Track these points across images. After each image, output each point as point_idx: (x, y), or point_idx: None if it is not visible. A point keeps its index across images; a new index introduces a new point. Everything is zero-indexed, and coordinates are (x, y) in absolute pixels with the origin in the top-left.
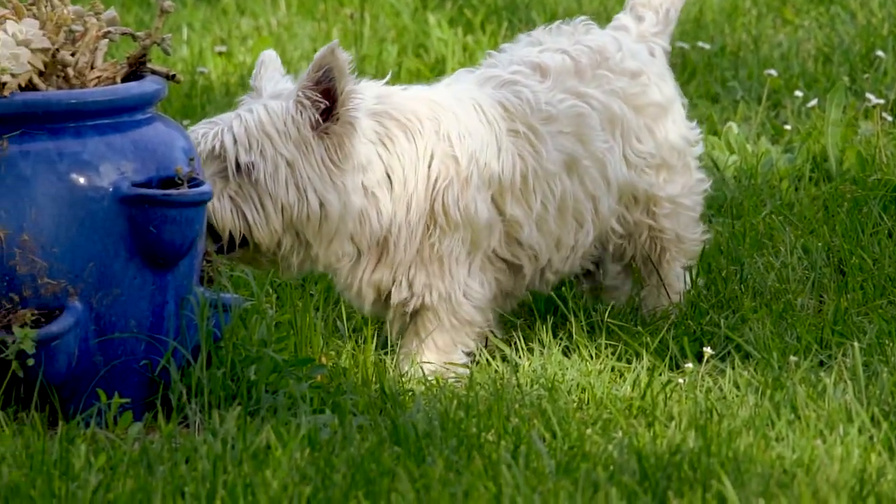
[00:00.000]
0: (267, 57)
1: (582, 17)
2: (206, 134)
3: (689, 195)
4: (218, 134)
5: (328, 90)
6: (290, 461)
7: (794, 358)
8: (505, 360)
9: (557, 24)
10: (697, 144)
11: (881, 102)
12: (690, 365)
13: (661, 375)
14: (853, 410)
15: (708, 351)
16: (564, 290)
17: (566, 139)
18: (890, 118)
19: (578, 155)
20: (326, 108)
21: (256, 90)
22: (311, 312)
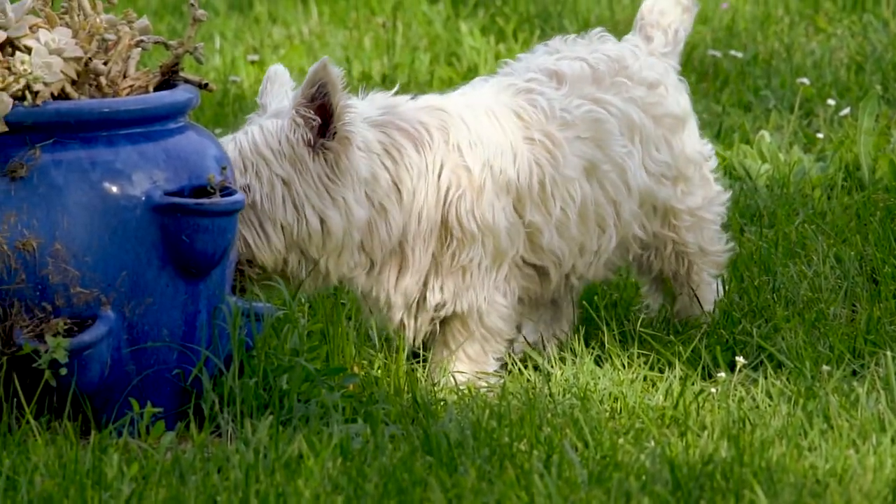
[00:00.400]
0: (273, 72)
1: (600, 28)
2: None
3: (709, 208)
4: None
5: (323, 105)
6: (322, 471)
7: (826, 367)
8: (537, 369)
9: (573, 36)
10: (711, 159)
11: None
12: (723, 374)
13: (693, 385)
14: (886, 420)
15: (740, 360)
16: (597, 299)
17: (584, 144)
18: None
19: (597, 160)
20: (324, 123)
21: (262, 107)
22: (343, 321)
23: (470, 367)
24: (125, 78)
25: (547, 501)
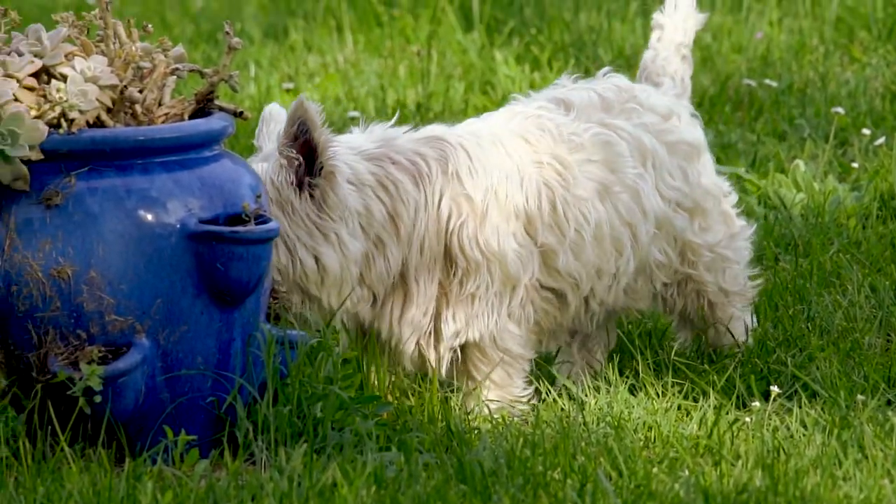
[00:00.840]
0: (268, 112)
1: (608, 67)
2: None
3: (730, 244)
4: None
5: (307, 142)
6: (356, 499)
7: (861, 397)
8: (571, 398)
9: (577, 76)
10: (731, 195)
11: None
12: (757, 403)
13: (727, 414)
14: None
15: (775, 389)
16: (631, 327)
17: (595, 167)
18: None
19: (609, 182)
20: (310, 160)
21: (258, 149)
22: (377, 349)
23: (499, 393)
24: (160, 106)
25: None
